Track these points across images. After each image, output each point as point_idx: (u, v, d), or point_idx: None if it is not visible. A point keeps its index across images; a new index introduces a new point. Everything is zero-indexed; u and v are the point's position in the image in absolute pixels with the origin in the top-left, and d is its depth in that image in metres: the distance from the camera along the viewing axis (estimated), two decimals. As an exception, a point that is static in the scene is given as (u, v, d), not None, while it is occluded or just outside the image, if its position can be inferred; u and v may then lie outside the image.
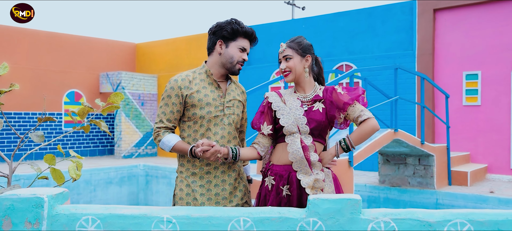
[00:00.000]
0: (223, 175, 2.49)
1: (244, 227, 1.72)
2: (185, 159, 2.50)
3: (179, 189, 2.48)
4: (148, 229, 1.76)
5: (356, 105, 2.38)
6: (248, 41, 2.52)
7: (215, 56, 2.51)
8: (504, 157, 8.68)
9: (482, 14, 8.98)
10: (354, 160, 5.74)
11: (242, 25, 2.48)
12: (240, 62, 2.50)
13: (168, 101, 2.44)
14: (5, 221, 1.77)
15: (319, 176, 2.34)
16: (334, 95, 2.41)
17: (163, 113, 2.46)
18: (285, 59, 2.45)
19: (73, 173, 2.63)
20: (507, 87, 8.67)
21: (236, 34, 2.46)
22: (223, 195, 2.48)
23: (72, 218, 1.80)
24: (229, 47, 2.46)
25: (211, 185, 2.46)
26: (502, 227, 1.64)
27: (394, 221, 1.69)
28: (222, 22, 2.50)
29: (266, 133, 2.47)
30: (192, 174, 2.46)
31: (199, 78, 2.48)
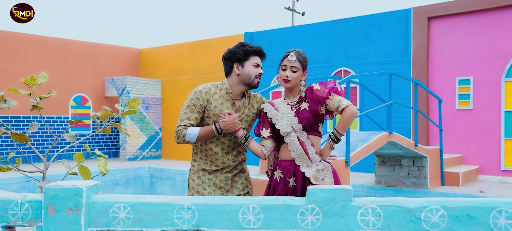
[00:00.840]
0: (226, 173, 2.91)
1: (253, 213, 1.98)
2: (197, 156, 2.92)
3: (192, 180, 2.93)
4: (171, 215, 2.01)
5: (334, 97, 2.73)
6: (259, 57, 2.90)
7: (234, 77, 2.89)
8: (494, 159, 9.08)
9: (474, 22, 9.40)
10: (351, 160, 6.12)
11: (250, 45, 2.87)
12: (257, 76, 2.88)
13: (193, 108, 2.81)
14: (50, 208, 2.05)
15: (319, 167, 2.73)
16: (313, 93, 2.77)
17: (187, 117, 2.81)
18: (291, 69, 2.79)
19: (102, 169, 3.02)
20: (498, 92, 9.07)
21: (248, 54, 2.84)
22: (226, 188, 2.91)
23: (106, 206, 2.05)
24: (245, 67, 2.84)
25: (216, 179, 2.89)
26: (470, 212, 1.92)
27: (380, 208, 1.96)
28: (232, 48, 2.89)
29: (266, 136, 2.85)
30: (202, 169, 2.90)
31: (219, 94, 2.87)
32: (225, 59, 2.92)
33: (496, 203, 1.88)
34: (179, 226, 2.04)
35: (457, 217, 1.90)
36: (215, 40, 13.97)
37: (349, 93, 6.45)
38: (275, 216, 1.97)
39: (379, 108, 7.98)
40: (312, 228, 1.96)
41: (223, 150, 2.87)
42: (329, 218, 1.95)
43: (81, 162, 3.06)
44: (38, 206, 2.09)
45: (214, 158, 2.86)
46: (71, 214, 2.03)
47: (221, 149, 2.85)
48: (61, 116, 13.07)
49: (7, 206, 2.10)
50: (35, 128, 3.01)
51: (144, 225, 2.03)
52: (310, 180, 2.71)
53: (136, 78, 14.14)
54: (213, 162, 2.86)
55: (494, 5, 9.08)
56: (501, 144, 9.03)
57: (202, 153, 2.89)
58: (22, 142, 2.85)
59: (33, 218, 2.09)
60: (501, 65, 9.09)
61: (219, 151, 2.85)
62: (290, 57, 2.77)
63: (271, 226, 1.98)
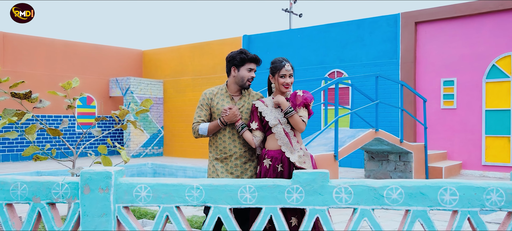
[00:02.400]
0: (235, 161, 3.48)
1: (249, 191, 2.38)
2: (211, 148, 3.50)
3: (208, 168, 3.52)
4: (183, 193, 2.41)
5: (304, 111, 3.34)
6: (254, 64, 3.50)
7: (231, 77, 3.51)
8: (476, 154, 9.68)
9: (458, 27, 9.98)
10: (339, 155, 6.72)
11: (247, 53, 3.47)
12: (249, 79, 3.49)
13: (201, 108, 3.47)
14: (85, 188, 2.44)
15: (301, 153, 3.32)
16: (296, 98, 3.39)
17: (198, 115, 3.46)
18: (290, 76, 3.41)
19: (125, 157, 3.62)
20: (479, 92, 9.67)
21: (244, 61, 3.44)
22: (236, 174, 3.47)
23: (131, 186, 2.44)
24: (240, 71, 3.46)
25: (228, 166, 3.47)
26: (422, 190, 2.34)
27: (351, 187, 2.37)
28: (234, 53, 3.49)
29: (254, 128, 3.45)
30: (215, 159, 3.47)
31: (220, 93, 3.50)
32: (227, 61, 3.53)
33: (443, 183, 2.27)
34: (189, 203, 2.42)
35: (412, 194, 2.28)
36: (214, 43, 14.49)
37: (338, 93, 7.03)
38: (267, 194, 2.36)
39: (369, 107, 8.57)
40: (297, 203, 2.35)
41: (230, 138, 3.44)
42: (310, 196, 2.33)
43: (105, 153, 3.66)
44: (75, 187, 2.49)
45: (222, 147, 3.43)
46: (102, 193, 2.41)
47: (228, 138, 3.43)
48: (68, 115, 13.63)
49: (50, 186, 2.53)
50: (66, 125, 3.59)
51: (161, 202, 2.43)
52: (294, 165, 3.31)
53: (139, 78, 14.69)
54: (222, 150, 3.43)
55: (476, 11, 9.67)
56: (482, 141, 9.63)
57: (213, 145, 3.47)
58: (55, 136, 3.43)
59: (71, 196, 2.51)
60: (482, 67, 9.69)
61: (226, 140, 3.43)
62: (287, 66, 3.37)
63: (263, 202, 2.37)
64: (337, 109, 6.98)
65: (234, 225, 2.41)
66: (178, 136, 14.98)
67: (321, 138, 7.49)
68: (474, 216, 2.27)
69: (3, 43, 12.80)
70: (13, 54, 12.96)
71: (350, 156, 10.67)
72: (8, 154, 12.79)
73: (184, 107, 14.85)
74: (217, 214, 2.41)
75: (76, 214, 2.48)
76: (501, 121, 9.48)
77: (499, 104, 9.54)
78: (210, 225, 2.43)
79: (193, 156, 14.52)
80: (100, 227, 2.43)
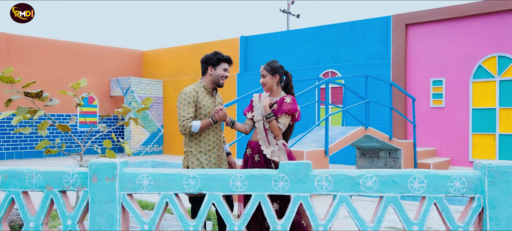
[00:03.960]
0: (217, 152, 3.82)
1: (240, 180, 2.58)
2: (193, 143, 3.73)
3: (191, 162, 3.72)
4: (181, 182, 2.61)
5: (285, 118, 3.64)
6: (227, 64, 3.84)
7: (208, 76, 3.79)
8: (463, 151, 10.00)
9: (446, 29, 10.29)
10: (330, 151, 7.03)
11: (222, 54, 3.80)
12: (224, 78, 3.81)
13: (189, 105, 3.66)
14: (93, 177, 2.64)
15: (275, 148, 3.68)
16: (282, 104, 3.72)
17: (186, 112, 3.66)
18: (262, 76, 3.78)
19: (128, 150, 3.94)
20: (466, 92, 9.99)
21: (220, 61, 3.77)
22: (218, 164, 3.81)
23: (134, 176, 2.64)
24: (216, 70, 3.77)
25: (211, 158, 3.77)
26: (394, 179, 2.53)
27: (331, 176, 2.51)
28: (209, 54, 3.80)
29: (249, 118, 3.84)
30: (199, 152, 3.73)
31: (201, 91, 3.76)
32: (202, 62, 3.83)
33: (412, 172, 2.46)
34: (186, 190, 2.61)
35: (385, 182, 2.47)
36: (213, 43, 14.75)
37: (328, 92, 7.33)
38: (256, 182, 2.55)
39: (361, 106, 8.87)
40: (283, 191, 2.54)
41: (213, 131, 3.78)
42: (294, 184, 2.52)
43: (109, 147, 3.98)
44: (84, 176, 2.70)
45: (206, 140, 3.74)
46: (108, 182, 2.61)
47: (212, 131, 3.76)
48: (70, 114, 13.91)
49: (61, 176, 2.77)
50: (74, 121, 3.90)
51: (161, 189, 2.63)
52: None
53: (139, 78, 14.95)
54: (206, 143, 3.73)
55: (464, 14, 9.98)
56: (469, 138, 9.95)
57: (196, 140, 3.72)
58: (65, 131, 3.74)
59: (81, 185, 2.71)
60: (469, 68, 10.01)
61: (210, 133, 3.75)
62: (260, 69, 3.78)
63: (253, 190, 2.56)
64: (328, 107, 7.27)
65: (227, 210, 2.63)
66: (177, 134, 15.23)
67: (313, 135, 7.79)
68: (440, 201, 2.48)
69: (7, 44, 13.09)
70: (17, 55, 13.25)
71: (343, 153, 10.97)
72: (21, 151, 13.10)
73: (182, 106, 15.02)
74: (212, 200, 2.62)
75: (85, 201, 2.70)
76: (487, 119, 9.79)
77: (485, 103, 9.86)
78: (205, 210, 2.65)
79: (191, 154, 14.74)
80: (106, 212, 2.63)
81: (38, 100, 3.68)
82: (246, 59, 13.83)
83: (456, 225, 2.49)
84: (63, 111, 13.88)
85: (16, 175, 2.81)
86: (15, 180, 2.80)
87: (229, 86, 13.95)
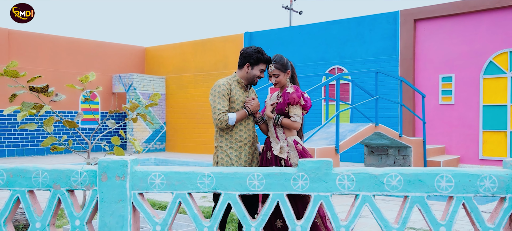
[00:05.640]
0: (249, 149, 3.66)
1: (257, 179, 2.46)
2: (223, 138, 3.59)
3: (220, 158, 3.59)
4: (195, 180, 2.50)
5: (295, 108, 3.51)
6: (266, 65, 3.67)
7: (243, 72, 3.65)
8: (473, 149, 9.87)
9: (456, 24, 10.15)
10: (340, 148, 6.90)
11: (264, 54, 3.63)
12: (258, 78, 3.66)
13: (223, 98, 3.52)
14: (103, 175, 2.53)
15: (283, 144, 3.53)
16: (285, 95, 3.58)
17: (222, 105, 3.50)
18: (274, 76, 3.60)
19: (138, 147, 3.79)
20: (476, 88, 9.85)
21: (259, 61, 3.60)
22: (249, 162, 3.65)
23: (145, 174, 2.52)
24: (253, 69, 3.62)
25: (242, 155, 3.61)
26: (420, 177, 2.43)
27: (353, 174, 2.40)
28: (250, 51, 3.62)
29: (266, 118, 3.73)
30: (229, 148, 3.58)
31: (234, 84, 3.62)
32: (241, 55, 3.67)
33: (439, 170, 2.36)
34: (201, 189, 2.50)
35: (410, 181, 2.37)
36: (216, 39, 14.63)
37: (338, 89, 7.21)
38: (274, 181, 2.45)
39: (369, 103, 8.74)
40: (302, 190, 2.43)
41: (245, 127, 3.62)
42: (315, 183, 2.41)
43: (118, 144, 3.84)
44: (93, 175, 2.59)
45: (238, 135, 3.58)
46: (119, 180, 2.50)
47: (244, 127, 3.60)
48: (72, 110, 13.80)
49: (69, 174, 2.63)
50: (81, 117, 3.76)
51: (174, 188, 2.52)
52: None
53: (141, 75, 14.85)
54: (238, 139, 3.57)
55: (474, 8, 9.83)
56: (479, 136, 9.82)
57: (227, 135, 3.57)
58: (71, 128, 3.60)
59: (89, 183, 2.61)
60: (479, 64, 9.86)
61: (242, 128, 3.60)
62: (270, 68, 3.60)
63: (271, 189, 2.45)
64: (338, 104, 7.15)
65: (243, 211, 2.51)
66: (180, 132, 15.14)
67: (322, 132, 7.66)
68: (469, 201, 2.38)
69: (8, 40, 12.96)
70: (18, 51, 13.13)
71: (350, 151, 10.84)
72: (22, 149, 12.99)
73: (186, 103, 15.01)
74: (227, 200, 2.50)
75: (94, 200, 2.59)
76: (498, 116, 9.65)
77: (496, 100, 9.71)
78: (221, 210, 2.53)
79: (195, 152, 14.70)
80: (116, 212, 2.53)
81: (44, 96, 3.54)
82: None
83: (487, 226, 2.38)
84: (67, 108, 13.77)
85: (22, 174, 2.69)
86: (20, 178, 2.69)
87: (233, 82, 13.77)
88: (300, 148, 3.59)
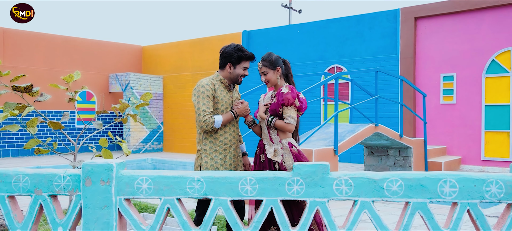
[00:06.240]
0: (234, 151, 3.51)
1: (250, 184, 2.36)
2: (207, 140, 3.43)
3: (204, 162, 3.41)
4: (184, 185, 2.39)
5: (289, 110, 3.37)
6: (248, 62, 3.52)
7: (225, 72, 3.48)
8: (475, 150, 9.72)
9: (457, 22, 10.00)
10: (339, 149, 6.75)
11: (245, 52, 3.46)
12: (242, 77, 3.50)
13: (208, 98, 3.35)
14: (87, 180, 2.42)
15: (278, 147, 3.39)
16: (279, 95, 3.43)
17: (206, 106, 3.33)
18: (263, 74, 3.49)
19: (126, 150, 3.63)
20: (478, 88, 9.70)
21: (241, 59, 3.45)
22: (234, 165, 3.50)
23: (132, 178, 2.43)
24: (236, 69, 3.45)
25: (227, 158, 3.46)
26: (422, 182, 2.33)
27: (351, 179, 2.30)
28: (230, 49, 3.46)
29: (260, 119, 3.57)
30: (214, 151, 3.42)
31: (218, 84, 3.46)
32: (221, 55, 3.50)
33: (443, 175, 2.26)
34: (190, 195, 2.40)
35: (412, 186, 2.28)
36: (214, 38, 14.50)
37: (337, 88, 7.06)
38: (268, 186, 2.35)
39: (368, 103, 8.59)
40: (297, 195, 2.33)
41: (230, 129, 3.48)
42: (310, 188, 2.32)
43: (105, 146, 3.68)
44: (77, 179, 2.48)
45: (223, 138, 3.42)
46: (103, 185, 2.40)
47: (229, 129, 3.46)
48: (68, 110, 13.65)
49: (51, 178, 2.53)
50: (67, 118, 3.61)
51: (162, 194, 2.42)
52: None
53: (138, 74, 14.72)
54: (223, 141, 3.42)
55: (475, 6, 9.69)
56: (481, 136, 9.67)
57: (212, 137, 3.41)
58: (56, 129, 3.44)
59: (73, 188, 2.49)
60: (481, 62, 9.71)
61: (227, 130, 3.45)
62: (258, 67, 3.52)
63: (264, 195, 2.35)
64: (337, 104, 7.01)
65: (235, 217, 2.40)
66: (178, 131, 15.02)
67: (321, 133, 7.52)
68: (474, 208, 2.27)
69: (3, 38, 12.81)
70: (13, 50, 12.97)
71: (349, 151, 10.70)
72: (9, 150, 12.82)
73: (184, 103, 14.88)
74: (218, 206, 2.40)
75: (77, 206, 2.48)
76: (500, 116, 9.51)
77: (498, 99, 9.57)
78: (211, 217, 2.42)
79: (192, 152, 14.56)
80: (101, 219, 2.43)
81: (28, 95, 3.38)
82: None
83: (492, 235, 2.28)
84: (58, 108, 13.62)
85: (1, 178, 2.59)
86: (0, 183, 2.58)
87: (231, 82, 13.67)
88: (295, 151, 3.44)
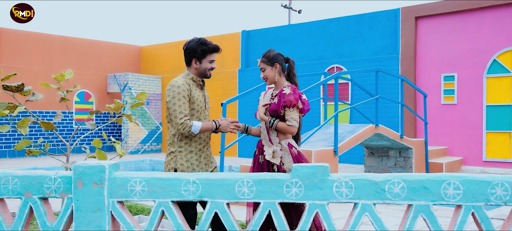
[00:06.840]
0: (207, 151, 3.43)
1: (247, 186, 2.31)
2: (182, 142, 3.31)
3: (180, 164, 3.29)
4: (179, 187, 2.34)
5: (292, 112, 3.28)
6: (215, 54, 3.41)
7: (193, 69, 3.38)
8: (477, 150, 9.64)
9: (458, 22, 9.93)
10: (339, 150, 6.66)
11: (208, 44, 3.35)
12: (210, 70, 3.40)
13: (184, 100, 3.23)
14: (78, 182, 2.37)
15: (277, 148, 3.31)
16: (281, 96, 3.34)
17: (183, 108, 3.22)
18: (261, 70, 3.44)
19: (120, 151, 3.54)
20: (480, 88, 9.62)
21: (205, 53, 3.33)
22: (208, 164, 3.41)
23: (125, 180, 2.38)
24: (202, 63, 3.35)
25: (201, 158, 3.36)
26: (425, 184, 2.26)
27: (351, 181, 2.27)
28: (193, 44, 3.34)
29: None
30: (190, 152, 3.30)
31: (191, 83, 3.35)
32: (185, 52, 3.40)
33: (446, 177, 2.21)
34: (185, 197, 2.35)
35: (414, 188, 2.23)
36: (213, 38, 14.41)
37: (337, 88, 6.98)
38: (265, 188, 2.30)
39: (368, 103, 8.51)
40: (296, 198, 2.27)
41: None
42: (310, 190, 2.26)
43: (99, 147, 3.59)
44: (68, 181, 2.43)
45: (198, 137, 3.31)
46: (96, 187, 2.35)
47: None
48: (65, 111, 13.56)
49: (42, 181, 2.47)
50: (59, 118, 3.51)
51: (157, 196, 2.36)
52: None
53: (137, 74, 14.64)
54: (198, 141, 3.32)
55: (476, 6, 9.61)
56: (483, 137, 9.59)
57: (187, 139, 3.30)
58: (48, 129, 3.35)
59: (64, 191, 2.44)
60: (483, 62, 9.63)
61: None
62: (258, 64, 3.47)
63: (262, 197, 2.30)
64: (337, 104, 6.93)
65: (232, 221, 2.34)
66: (176, 132, 14.90)
67: (321, 133, 7.44)
68: (479, 211, 2.21)
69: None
70: (9, 50, 12.88)
71: (349, 152, 10.62)
72: (6, 150, 12.72)
73: (182, 103, 14.77)
74: (214, 209, 2.34)
75: (69, 209, 2.42)
76: (502, 117, 9.43)
77: (500, 100, 9.48)
78: (207, 220, 2.36)
79: (191, 153, 14.48)
80: (93, 222, 2.37)
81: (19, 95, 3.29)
82: (247, 55, 13.50)
83: (497, 238, 2.22)
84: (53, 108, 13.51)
85: None
86: None
87: (230, 82, 13.62)
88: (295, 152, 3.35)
